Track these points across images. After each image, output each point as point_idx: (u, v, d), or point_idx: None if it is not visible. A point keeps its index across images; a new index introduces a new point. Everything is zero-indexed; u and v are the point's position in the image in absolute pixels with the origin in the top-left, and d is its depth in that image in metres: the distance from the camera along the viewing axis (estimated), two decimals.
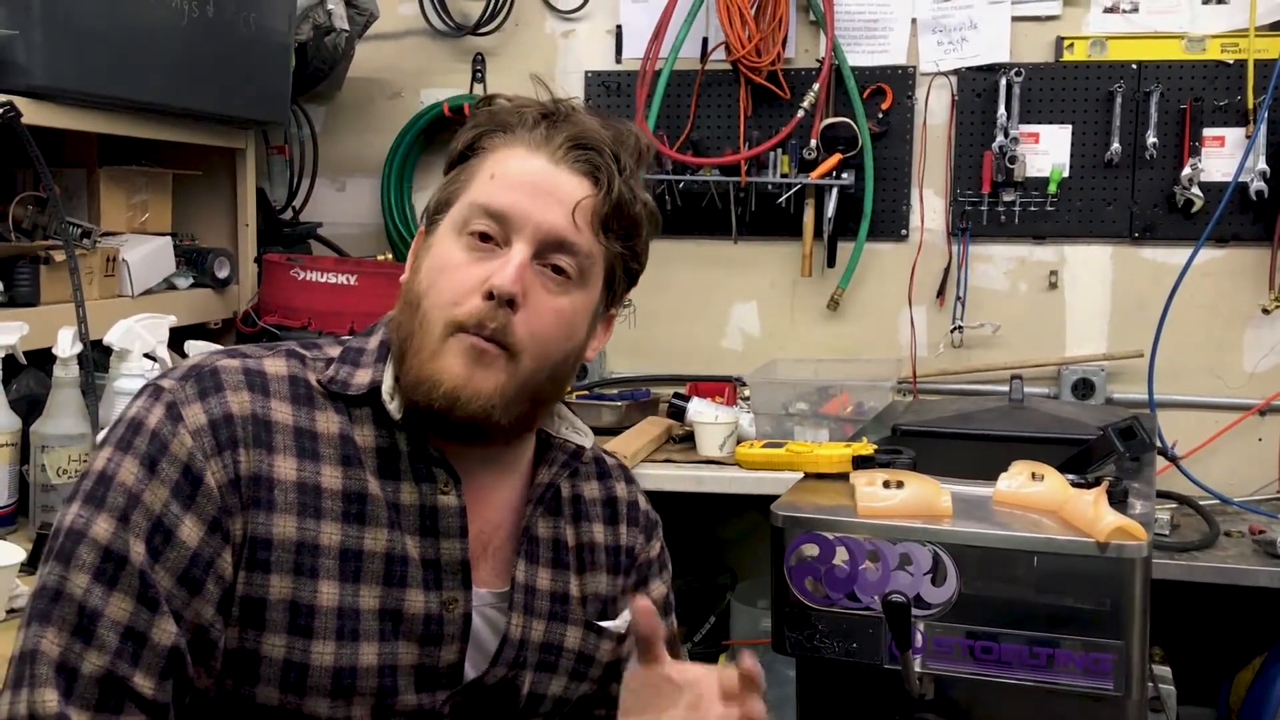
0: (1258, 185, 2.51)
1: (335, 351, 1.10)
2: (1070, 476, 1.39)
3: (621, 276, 1.12)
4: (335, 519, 1.02)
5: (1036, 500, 1.36)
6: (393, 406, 1.05)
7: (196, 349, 1.95)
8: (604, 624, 1.18)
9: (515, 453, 1.14)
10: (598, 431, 2.44)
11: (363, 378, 1.07)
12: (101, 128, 2.05)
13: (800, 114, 2.64)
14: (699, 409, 2.44)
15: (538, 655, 1.13)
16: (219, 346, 1.19)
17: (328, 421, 1.05)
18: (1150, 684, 1.85)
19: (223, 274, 2.42)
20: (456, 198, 1.07)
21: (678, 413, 2.48)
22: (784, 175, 2.69)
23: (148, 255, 2.22)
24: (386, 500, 1.04)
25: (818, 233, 2.72)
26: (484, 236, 1.04)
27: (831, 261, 2.75)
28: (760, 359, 2.70)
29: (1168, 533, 2.29)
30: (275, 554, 0.99)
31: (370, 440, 1.05)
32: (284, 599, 0.99)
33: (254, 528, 0.99)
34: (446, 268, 1.04)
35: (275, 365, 1.06)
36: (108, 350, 1.87)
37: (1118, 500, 1.36)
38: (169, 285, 2.32)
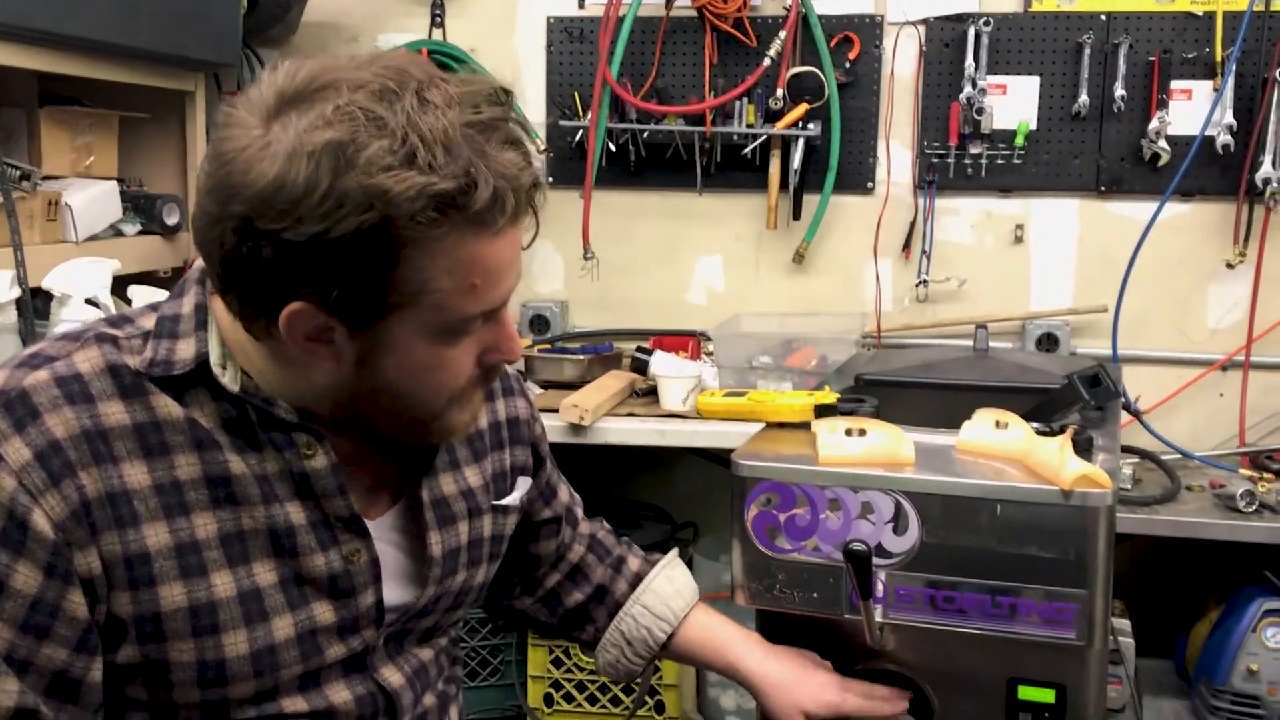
0: (1224, 139, 2.49)
1: (149, 323, 0.99)
2: (1035, 425, 1.37)
3: None
4: (205, 508, 0.95)
5: (1000, 449, 1.34)
6: (227, 378, 0.96)
7: (141, 296, 1.89)
8: (506, 502, 1.19)
9: None
10: (559, 386, 2.45)
11: (185, 351, 0.96)
12: (42, 65, 1.97)
13: (766, 63, 2.59)
14: (662, 363, 2.41)
15: (467, 555, 1.12)
16: (164, 293, 1.09)
17: (167, 406, 0.95)
18: (1110, 636, 1.85)
19: (172, 221, 2.35)
20: (413, 301, 0.89)
21: (641, 367, 2.45)
22: (749, 126, 2.64)
23: (92, 200, 2.15)
24: (253, 474, 0.97)
25: (783, 185, 2.69)
26: None
27: (797, 214, 2.72)
28: (725, 313, 2.67)
29: (1130, 487, 2.29)
30: (157, 565, 0.92)
31: (215, 416, 0.96)
32: (180, 607, 0.93)
33: (124, 548, 0.91)
34: (436, 366, 0.95)
35: (88, 359, 0.95)
36: (49, 296, 1.81)
37: (1082, 449, 1.34)
38: (116, 232, 2.25)
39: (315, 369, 0.94)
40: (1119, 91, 2.55)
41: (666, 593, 1.37)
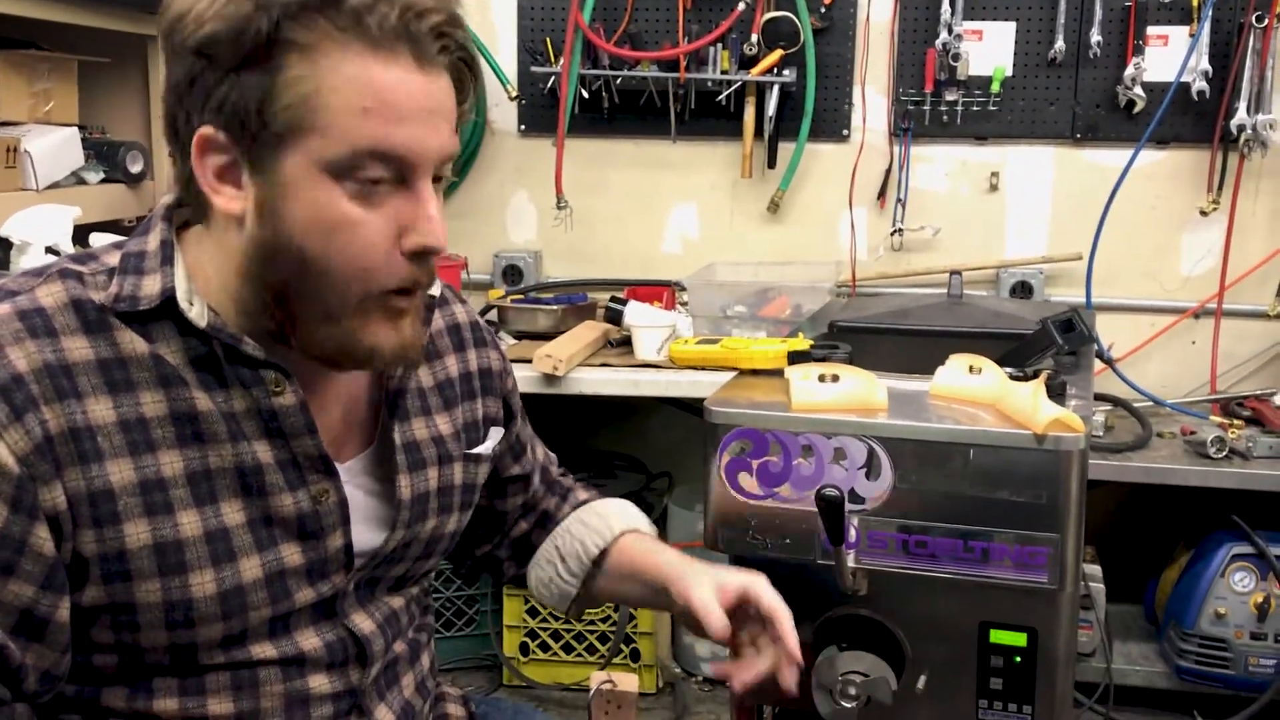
0: (1199, 85, 2.48)
1: (114, 259, 0.97)
2: (1008, 370, 1.37)
3: None
4: (171, 446, 0.93)
5: (974, 393, 1.34)
6: (194, 313, 0.94)
7: (101, 241, 1.85)
8: (479, 450, 1.17)
9: None
10: (533, 336, 2.43)
11: (151, 286, 0.94)
12: None
13: (741, 7, 2.55)
14: (636, 313, 2.39)
15: (436, 501, 1.11)
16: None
17: (132, 342, 0.93)
18: (1081, 581, 1.87)
19: (135, 168, 2.30)
20: (301, 122, 0.88)
21: (615, 317, 2.43)
22: (724, 72, 2.61)
23: (53, 147, 2.10)
24: (220, 412, 0.95)
25: (758, 132, 2.66)
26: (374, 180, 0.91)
27: (772, 163, 2.69)
28: (700, 263, 2.65)
29: (1102, 434, 2.30)
30: (122, 502, 0.91)
31: (181, 353, 0.94)
32: (145, 545, 0.92)
33: (88, 484, 0.90)
34: (342, 225, 0.90)
35: (51, 294, 0.93)
36: (9, 244, 1.78)
37: (1056, 394, 1.34)
38: (78, 180, 2.20)
39: (229, 228, 0.93)
40: (1095, 37, 2.53)
41: (608, 512, 1.30)
